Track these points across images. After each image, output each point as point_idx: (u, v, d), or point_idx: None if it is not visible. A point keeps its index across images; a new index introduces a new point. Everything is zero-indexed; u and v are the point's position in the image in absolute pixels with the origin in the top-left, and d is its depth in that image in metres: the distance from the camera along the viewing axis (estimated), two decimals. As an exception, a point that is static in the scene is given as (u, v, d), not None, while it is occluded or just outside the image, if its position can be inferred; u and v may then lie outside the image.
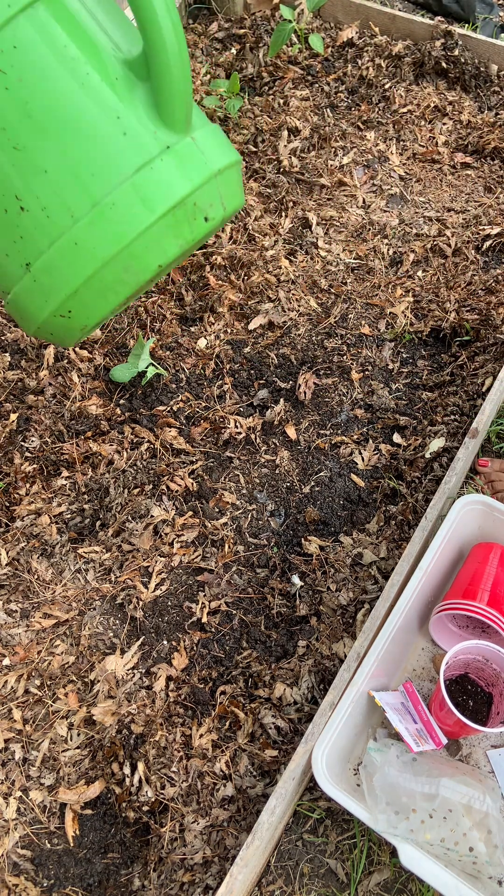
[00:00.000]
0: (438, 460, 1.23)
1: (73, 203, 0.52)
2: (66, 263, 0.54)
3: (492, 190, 1.68)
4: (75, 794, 0.95)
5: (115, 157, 0.52)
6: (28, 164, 0.51)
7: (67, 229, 0.53)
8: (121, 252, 0.54)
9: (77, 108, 0.51)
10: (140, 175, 0.52)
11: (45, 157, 0.51)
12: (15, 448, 1.24)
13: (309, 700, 1.01)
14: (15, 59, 0.49)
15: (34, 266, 0.55)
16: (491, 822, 0.84)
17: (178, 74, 0.52)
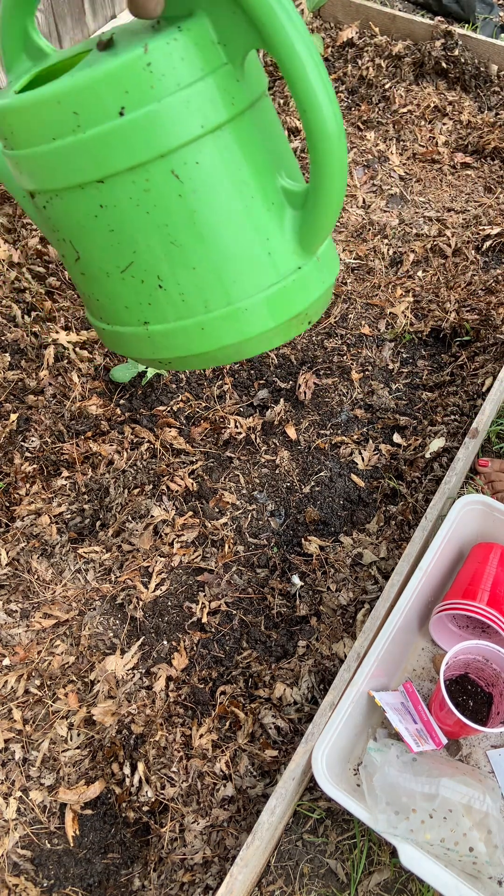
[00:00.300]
0: (438, 460, 1.23)
1: (210, 298, 0.57)
2: (187, 338, 0.59)
3: (492, 190, 1.68)
4: (75, 794, 0.95)
5: (256, 272, 0.57)
6: (179, 259, 0.55)
7: (198, 315, 0.58)
8: (238, 343, 0.60)
9: (236, 226, 0.55)
10: (272, 290, 0.58)
11: (196, 257, 0.55)
12: (15, 448, 1.24)
13: (309, 700, 1.01)
14: (194, 174, 0.53)
15: (152, 327, 0.60)
16: (491, 822, 0.84)
17: (333, 217, 0.57)
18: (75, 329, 1.39)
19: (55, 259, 1.47)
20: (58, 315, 1.40)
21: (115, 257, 0.56)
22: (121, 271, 0.57)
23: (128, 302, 0.59)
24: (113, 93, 0.49)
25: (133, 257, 0.56)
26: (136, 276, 0.57)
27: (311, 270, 0.60)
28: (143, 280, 0.57)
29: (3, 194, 1.57)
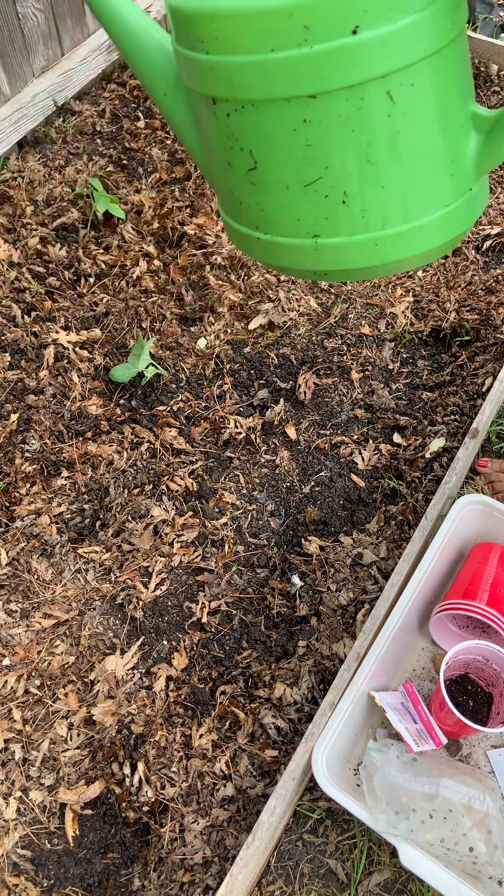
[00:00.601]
0: (438, 460, 1.23)
1: (390, 216, 0.58)
2: (358, 253, 0.60)
3: (492, 190, 1.68)
4: (75, 794, 0.95)
5: (438, 192, 0.59)
6: (372, 177, 0.56)
7: (375, 231, 0.59)
8: (403, 259, 0.61)
9: (432, 147, 0.57)
10: (448, 209, 0.60)
11: (388, 176, 0.56)
12: (15, 448, 1.24)
13: (309, 700, 1.01)
14: (407, 95, 0.53)
15: (322, 241, 0.60)
16: (491, 822, 0.84)
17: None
18: (75, 329, 1.39)
19: (55, 259, 1.47)
20: (58, 315, 1.40)
21: (302, 171, 0.56)
22: (305, 185, 0.57)
23: (302, 215, 0.59)
24: (352, 11, 0.49)
25: (323, 172, 0.56)
26: (319, 190, 0.57)
27: (479, 192, 0.62)
28: (327, 195, 0.57)
29: (3, 194, 1.57)
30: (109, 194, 1.51)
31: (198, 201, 1.57)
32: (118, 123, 1.77)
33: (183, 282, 1.48)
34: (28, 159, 1.66)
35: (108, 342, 1.38)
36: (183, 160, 1.68)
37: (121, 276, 1.48)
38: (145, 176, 1.65)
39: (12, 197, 1.56)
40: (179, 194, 1.59)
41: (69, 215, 1.53)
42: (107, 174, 1.62)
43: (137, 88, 1.82)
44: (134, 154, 1.71)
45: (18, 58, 1.58)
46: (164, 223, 1.54)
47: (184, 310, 1.45)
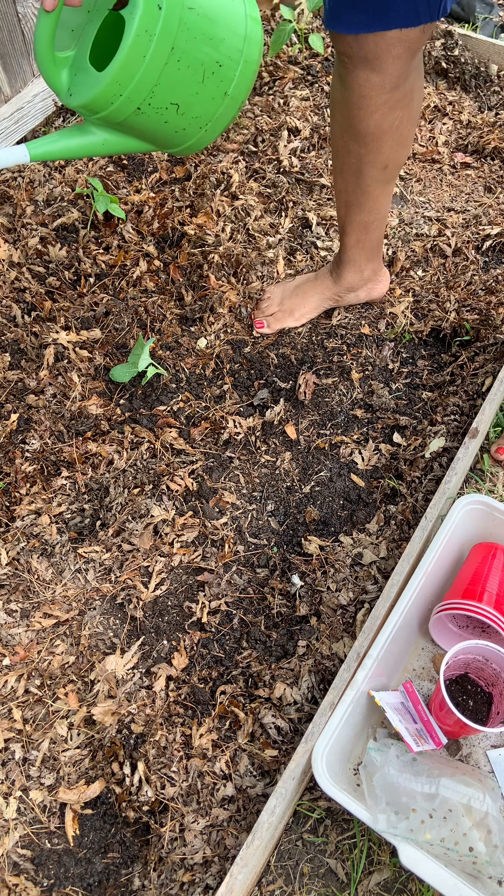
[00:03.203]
0: (438, 460, 1.23)
1: (232, 56, 0.89)
2: (245, 76, 0.92)
3: (492, 190, 1.68)
4: (75, 793, 0.95)
5: (239, 28, 0.89)
6: (216, 42, 0.87)
7: (236, 68, 0.90)
8: (252, 76, 0.92)
9: (227, 9, 0.87)
10: (249, 31, 0.90)
11: (220, 34, 0.86)
12: (15, 448, 1.24)
13: (309, 700, 1.01)
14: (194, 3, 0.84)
15: (229, 96, 0.91)
16: (491, 822, 0.84)
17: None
18: (75, 329, 1.39)
19: (55, 259, 1.47)
20: (58, 315, 1.40)
21: (192, 77, 0.86)
22: (200, 82, 0.87)
23: (212, 94, 0.89)
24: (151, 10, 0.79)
25: (200, 67, 0.86)
26: (207, 75, 0.87)
27: (256, 23, 0.91)
28: (213, 73, 0.87)
29: (3, 194, 1.57)
30: (109, 194, 1.51)
31: (198, 201, 1.57)
32: (118, 123, 1.77)
33: (183, 282, 1.48)
34: (28, 159, 1.66)
35: (108, 342, 1.38)
36: (183, 160, 1.68)
37: (121, 276, 1.48)
38: (145, 176, 1.65)
39: (12, 197, 1.56)
40: (179, 194, 1.59)
41: (69, 215, 1.53)
42: (107, 174, 1.62)
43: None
44: (134, 154, 1.71)
45: (18, 58, 1.59)
46: (164, 223, 1.54)
47: (184, 310, 1.45)
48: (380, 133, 1.05)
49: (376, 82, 0.98)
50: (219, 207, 1.57)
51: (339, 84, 1.04)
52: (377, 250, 1.31)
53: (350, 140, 1.09)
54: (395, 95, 1.00)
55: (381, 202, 1.19)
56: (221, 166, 1.64)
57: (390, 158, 1.10)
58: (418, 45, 0.94)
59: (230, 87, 0.90)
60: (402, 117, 1.04)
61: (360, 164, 1.11)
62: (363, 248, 1.28)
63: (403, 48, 0.93)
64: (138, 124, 0.90)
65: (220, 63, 0.87)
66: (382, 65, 0.95)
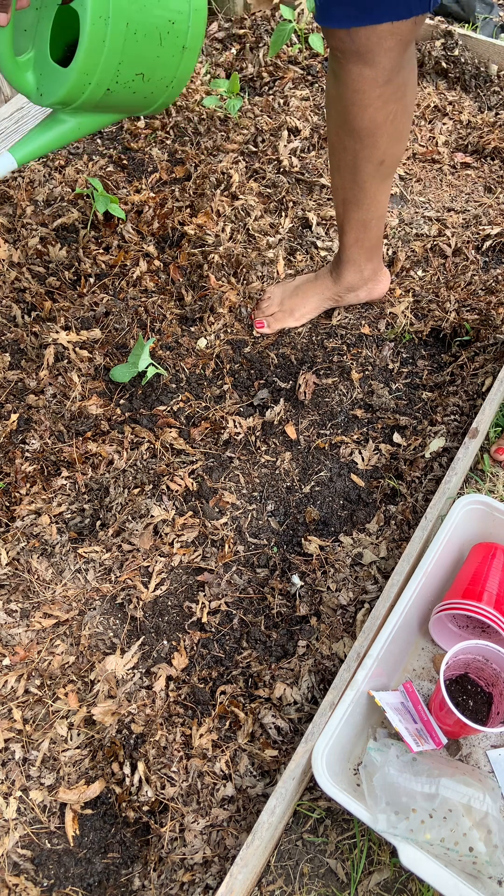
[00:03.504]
0: (438, 460, 1.23)
1: (182, 16, 0.90)
2: (196, 35, 0.94)
3: (492, 190, 1.68)
4: (75, 793, 0.95)
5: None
6: (167, 11, 0.89)
7: (186, 16, 0.91)
8: (201, 33, 0.93)
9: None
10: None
11: (159, 21, 0.88)
12: (15, 448, 1.24)
13: (309, 700, 1.01)
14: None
15: (185, 50, 0.92)
16: (491, 822, 0.84)
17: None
18: (75, 329, 1.39)
19: (55, 259, 1.47)
20: (58, 315, 1.40)
21: (151, 43, 0.88)
22: (159, 45, 0.89)
23: (171, 52, 0.91)
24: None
25: (155, 31, 0.88)
26: (163, 36, 0.89)
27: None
28: (168, 32, 0.89)
29: (3, 194, 1.57)
30: (109, 194, 1.51)
31: (198, 201, 1.57)
32: (118, 123, 1.77)
33: (183, 282, 1.48)
34: (28, 159, 1.66)
35: (108, 342, 1.38)
36: (183, 160, 1.68)
37: (121, 276, 1.48)
38: (145, 176, 1.65)
39: (12, 197, 1.56)
40: (179, 194, 1.60)
41: (69, 215, 1.53)
42: (107, 174, 1.62)
43: (137, 88, 1.82)
44: (134, 154, 1.71)
45: (18, 58, 1.58)
46: (164, 223, 1.54)
47: (184, 310, 1.45)
48: (374, 128, 1.05)
49: (369, 76, 0.98)
50: (219, 207, 1.57)
51: (332, 80, 1.04)
52: (376, 249, 1.31)
53: (345, 136, 1.08)
54: (389, 89, 1.00)
55: (379, 199, 1.19)
56: (221, 166, 1.64)
57: (386, 154, 1.10)
58: (410, 38, 0.94)
59: (186, 40, 0.92)
60: (396, 111, 1.04)
61: (356, 160, 1.11)
62: (362, 247, 1.28)
63: (395, 41, 0.93)
64: (109, 102, 0.93)
65: (172, 21, 0.89)
66: (375, 58, 0.95)
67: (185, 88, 1.81)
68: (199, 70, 1.86)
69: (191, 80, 1.83)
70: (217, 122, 1.76)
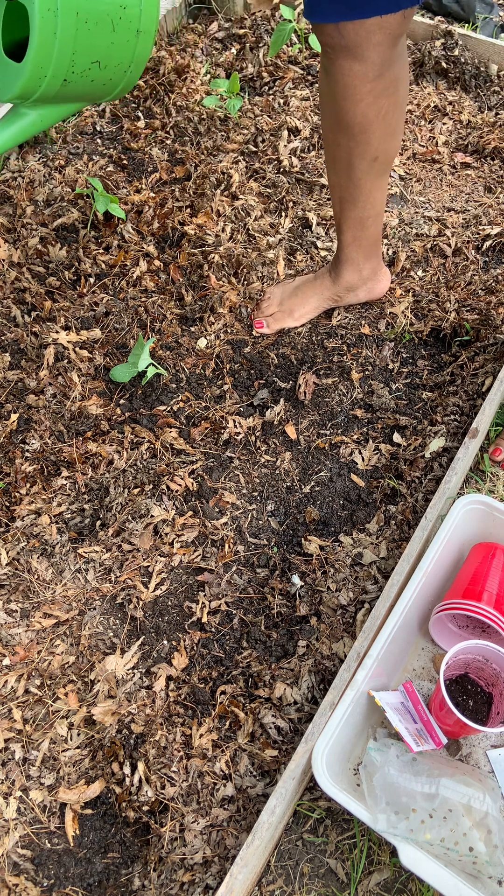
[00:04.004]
0: (438, 460, 1.23)
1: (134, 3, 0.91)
2: (150, 21, 0.94)
3: (492, 190, 1.68)
4: (75, 793, 0.95)
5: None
6: (105, 20, 0.89)
7: (133, 26, 0.92)
8: (154, 19, 0.93)
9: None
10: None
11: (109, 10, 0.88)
12: (15, 448, 1.24)
13: (309, 700, 1.01)
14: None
15: (140, 35, 0.93)
16: (491, 822, 0.84)
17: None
18: (75, 329, 1.39)
19: (55, 259, 1.47)
20: (58, 315, 1.40)
21: (103, 30, 0.88)
22: (112, 32, 0.89)
23: (126, 37, 0.91)
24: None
25: (107, 18, 0.88)
26: (116, 22, 0.89)
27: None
28: (119, 17, 0.89)
29: (3, 194, 1.57)
30: (109, 194, 1.51)
31: (198, 201, 1.57)
32: (118, 123, 1.77)
33: (183, 282, 1.48)
34: (28, 159, 1.66)
35: (108, 342, 1.38)
36: (183, 160, 1.68)
37: (121, 276, 1.48)
38: (145, 176, 1.65)
39: (12, 197, 1.56)
40: (179, 194, 1.60)
41: (69, 215, 1.53)
42: (107, 174, 1.62)
43: (137, 88, 1.82)
44: (134, 154, 1.71)
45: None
46: (164, 223, 1.54)
47: (184, 310, 1.45)
48: (366, 123, 1.05)
49: (359, 71, 0.97)
50: (219, 207, 1.57)
51: (324, 76, 1.04)
52: (375, 248, 1.31)
53: (338, 133, 1.08)
54: (380, 84, 1.00)
55: (375, 197, 1.18)
56: (221, 166, 1.64)
57: (379, 150, 1.10)
58: (400, 32, 0.94)
59: (140, 24, 0.91)
60: (388, 107, 1.04)
61: (350, 157, 1.11)
62: (360, 246, 1.28)
63: (384, 35, 0.93)
64: (68, 92, 0.93)
65: (123, 6, 0.89)
66: (364, 53, 0.95)
67: (185, 88, 1.81)
68: (199, 70, 1.86)
69: (191, 80, 1.83)
70: (217, 122, 1.76)
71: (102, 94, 0.98)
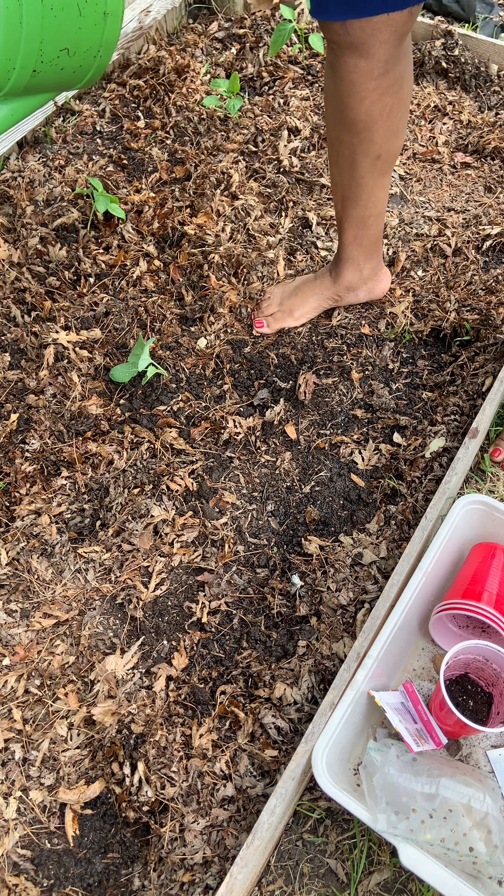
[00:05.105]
0: (438, 460, 1.23)
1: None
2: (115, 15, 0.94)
3: (492, 190, 1.68)
4: (75, 794, 0.95)
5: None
6: (73, 11, 0.89)
7: (100, 9, 0.91)
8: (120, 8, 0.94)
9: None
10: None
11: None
12: (15, 448, 1.24)
13: (309, 700, 1.01)
14: None
15: (107, 19, 0.93)
16: (491, 822, 0.84)
17: None
18: (75, 329, 1.39)
19: (55, 259, 1.47)
20: (58, 315, 1.40)
21: (70, 16, 0.87)
22: (79, 16, 0.88)
23: (93, 20, 0.91)
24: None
25: (72, 3, 0.86)
26: (81, 6, 0.88)
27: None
28: (85, 1, 0.88)
29: (3, 194, 1.57)
30: (109, 194, 1.51)
31: (198, 201, 1.57)
32: (118, 123, 1.77)
33: (183, 282, 1.48)
34: (28, 159, 1.66)
35: (108, 342, 1.38)
36: (183, 160, 1.68)
37: (121, 275, 1.48)
38: (145, 176, 1.65)
39: (12, 197, 1.56)
40: (179, 194, 1.59)
41: (69, 215, 1.53)
42: (107, 174, 1.62)
43: (137, 88, 1.82)
44: (134, 154, 1.71)
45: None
46: (164, 223, 1.54)
47: (184, 310, 1.45)
48: (371, 121, 1.05)
49: (365, 68, 0.97)
50: (219, 207, 1.57)
51: (329, 73, 1.04)
52: (376, 248, 1.31)
53: (342, 130, 1.08)
54: (385, 81, 1.00)
55: (377, 195, 1.19)
56: (221, 166, 1.64)
57: (382, 148, 1.10)
58: (405, 29, 0.94)
59: (107, 6, 0.91)
60: (392, 105, 1.04)
61: (353, 154, 1.11)
62: (361, 245, 1.28)
63: (390, 32, 0.93)
64: (38, 83, 0.92)
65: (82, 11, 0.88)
66: (370, 50, 0.95)
67: (185, 88, 1.81)
68: (199, 70, 1.86)
69: (191, 80, 1.83)
70: (217, 122, 1.76)
71: (73, 82, 0.97)
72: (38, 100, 0.97)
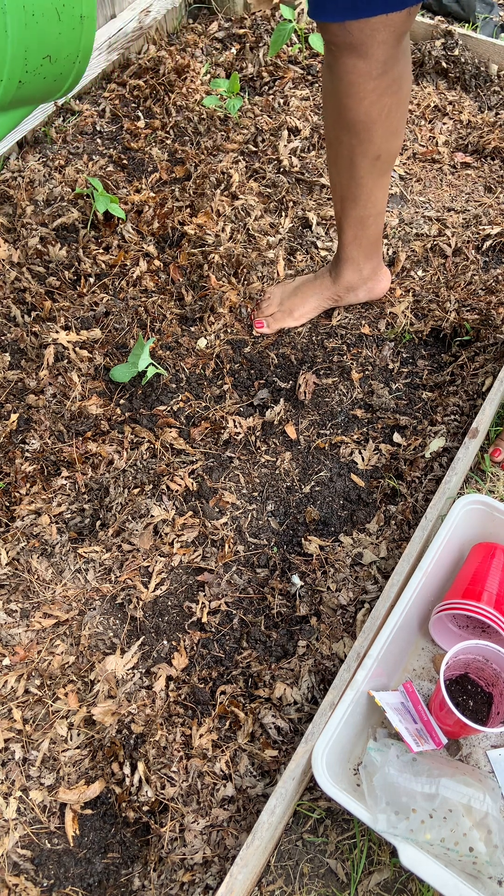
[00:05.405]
0: (438, 460, 1.23)
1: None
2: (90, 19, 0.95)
3: (492, 190, 1.68)
4: (75, 794, 0.95)
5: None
6: (51, 11, 0.89)
7: (77, 12, 0.91)
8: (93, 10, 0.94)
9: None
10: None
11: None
12: (15, 448, 1.24)
13: (309, 700, 1.01)
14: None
15: (84, 22, 0.92)
16: (491, 822, 0.84)
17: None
18: (75, 329, 1.39)
19: (55, 259, 1.47)
20: (58, 315, 1.40)
21: (50, 21, 0.87)
22: (58, 21, 0.88)
23: (71, 24, 0.91)
24: None
25: (51, 7, 0.87)
26: (60, 10, 0.88)
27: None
28: (63, 4, 0.88)
29: (3, 194, 1.57)
30: (109, 194, 1.51)
31: (198, 201, 1.57)
32: (118, 123, 1.77)
33: (183, 282, 1.48)
34: (28, 159, 1.66)
35: (108, 342, 1.38)
36: (183, 160, 1.68)
37: (121, 275, 1.48)
38: (145, 176, 1.65)
39: (12, 197, 1.56)
40: (179, 194, 1.59)
41: (69, 215, 1.52)
42: (107, 174, 1.62)
43: (137, 88, 1.82)
44: (134, 154, 1.71)
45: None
46: (164, 223, 1.54)
47: (184, 310, 1.45)
48: (370, 122, 1.05)
49: (363, 69, 0.98)
50: (219, 207, 1.57)
51: (328, 73, 1.04)
52: (375, 248, 1.31)
53: (341, 130, 1.08)
54: (384, 82, 1.00)
55: (377, 196, 1.19)
56: (221, 166, 1.64)
57: (381, 148, 1.10)
58: (404, 29, 0.94)
59: (83, 8, 0.91)
60: (391, 105, 1.04)
61: (352, 155, 1.11)
62: (360, 245, 1.28)
63: (389, 33, 0.93)
64: (23, 95, 0.92)
65: (65, 4, 0.88)
66: (368, 50, 0.95)
67: (185, 88, 1.81)
68: (199, 70, 1.86)
69: (191, 80, 1.83)
70: (217, 122, 1.76)
71: (52, 91, 0.97)
72: (18, 114, 0.96)
